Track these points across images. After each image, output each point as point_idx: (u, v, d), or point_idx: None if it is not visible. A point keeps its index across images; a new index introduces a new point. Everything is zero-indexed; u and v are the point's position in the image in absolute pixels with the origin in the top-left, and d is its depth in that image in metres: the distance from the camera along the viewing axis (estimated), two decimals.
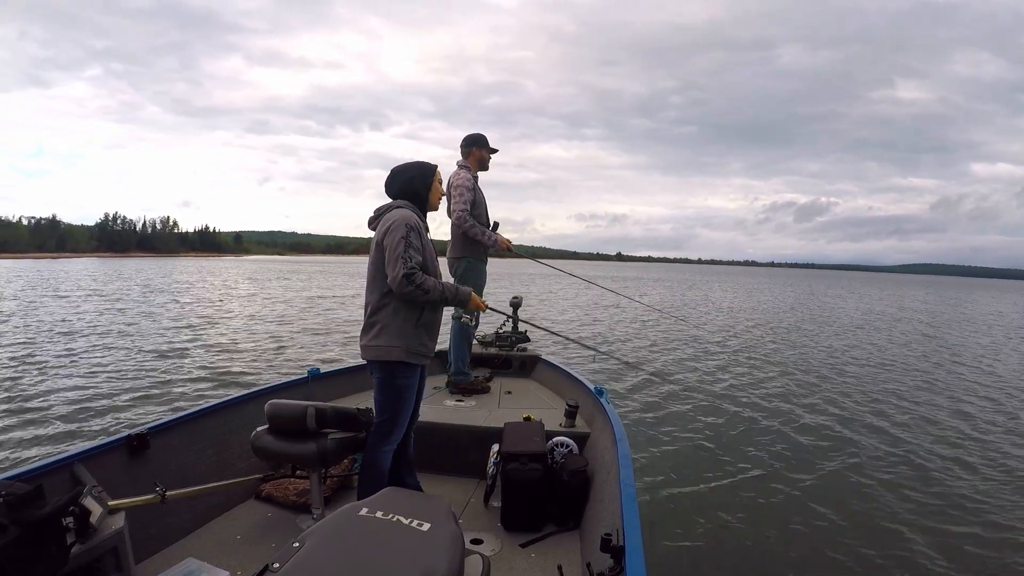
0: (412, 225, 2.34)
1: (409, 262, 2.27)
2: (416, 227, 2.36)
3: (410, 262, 2.27)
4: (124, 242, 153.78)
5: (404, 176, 2.50)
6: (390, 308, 2.38)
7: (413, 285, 2.26)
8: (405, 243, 2.28)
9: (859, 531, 3.97)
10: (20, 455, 4.77)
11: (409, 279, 2.25)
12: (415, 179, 2.49)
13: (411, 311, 2.38)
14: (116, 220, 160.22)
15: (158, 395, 6.88)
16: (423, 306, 2.40)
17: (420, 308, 2.40)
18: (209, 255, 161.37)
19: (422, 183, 2.50)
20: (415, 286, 2.26)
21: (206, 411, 2.85)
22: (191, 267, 56.39)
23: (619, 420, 2.86)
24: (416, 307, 2.39)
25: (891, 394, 8.37)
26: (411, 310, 2.38)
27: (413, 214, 2.41)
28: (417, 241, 2.32)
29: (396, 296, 2.34)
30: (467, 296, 2.49)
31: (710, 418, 6.58)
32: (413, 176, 2.49)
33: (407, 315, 2.38)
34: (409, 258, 2.27)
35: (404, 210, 2.41)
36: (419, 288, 2.27)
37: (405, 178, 2.49)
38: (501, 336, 4.88)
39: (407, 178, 2.49)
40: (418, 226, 2.38)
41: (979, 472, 5.19)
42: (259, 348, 10.55)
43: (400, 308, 2.37)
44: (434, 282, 2.34)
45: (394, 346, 2.37)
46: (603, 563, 1.67)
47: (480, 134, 4.02)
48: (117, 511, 1.97)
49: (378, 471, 2.45)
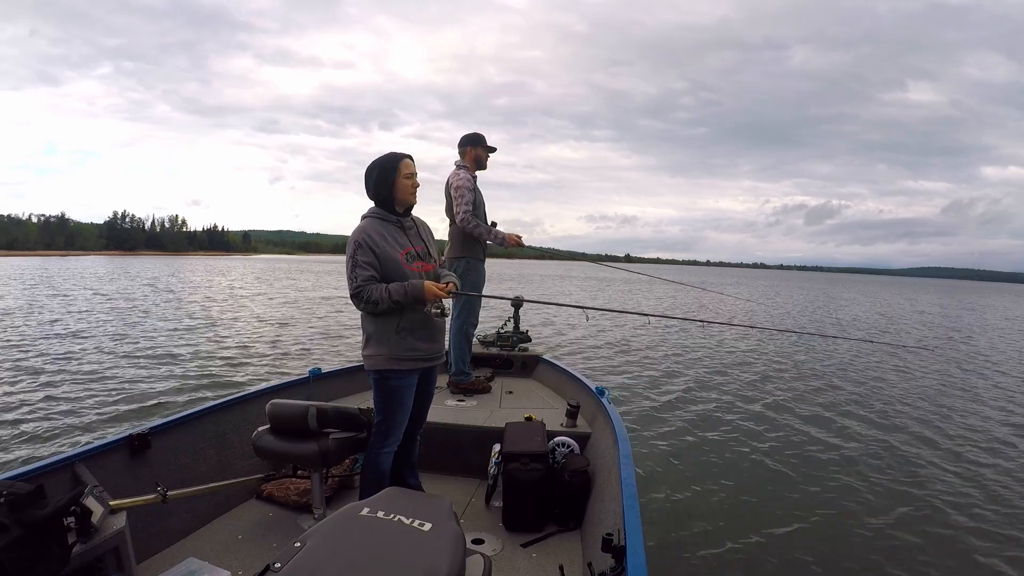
0: (360, 242, 2.32)
1: (355, 282, 2.30)
2: (365, 242, 2.32)
3: (356, 281, 2.30)
4: (132, 240, 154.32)
5: (369, 180, 2.43)
6: (367, 319, 2.43)
7: (361, 303, 2.31)
8: (352, 263, 2.32)
9: (860, 532, 3.97)
10: (21, 455, 4.78)
11: (357, 298, 2.31)
12: (378, 183, 2.41)
13: (389, 318, 2.38)
14: (124, 218, 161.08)
15: (159, 395, 6.89)
16: (401, 310, 2.36)
17: (397, 313, 2.37)
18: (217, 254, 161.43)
19: (384, 186, 2.41)
20: (363, 302, 2.31)
21: (207, 411, 2.85)
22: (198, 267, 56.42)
23: (620, 420, 2.85)
24: (393, 313, 2.37)
25: (901, 399, 8.36)
26: (389, 317, 2.38)
27: (367, 227, 2.37)
28: (366, 256, 2.31)
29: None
30: (419, 290, 2.31)
31: (712, 418, 6.57)
32: (375, 179, 2.41)
33: (386, 323, 2.38)
34: (356, 277, 2.30)
35: (361, 224, 2.40)
36: (367, 303, 2.30)
37: (370, 182, 2.43)
38: (502, 336, 4.88)
39: (371, 182, 2.42)
40: (367, 241, 2.33)
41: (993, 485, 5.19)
42: (261, 348, 10.56)
43: (376, 318, 2.39)
44: (380, 293, 2.28)
45: (378, 355, 2.40)
46: (604, 563, 1.67)
47: (478, 133, 4.04)
48: (118, 511, 1.97)
49: (379, 471, 2.45)
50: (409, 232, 2.47)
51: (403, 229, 2.45)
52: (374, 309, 2.32)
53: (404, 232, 2.45)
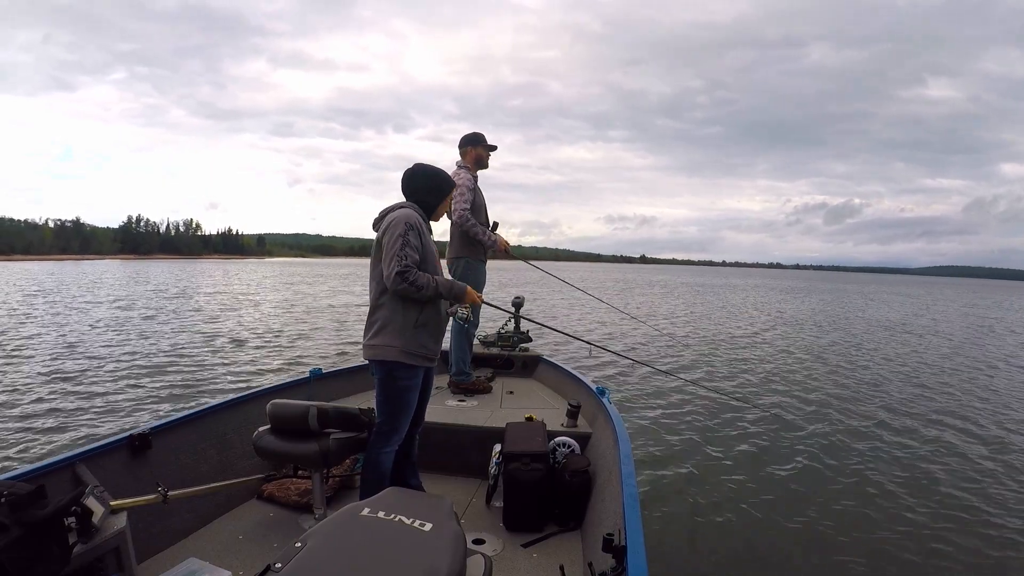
0: (412, 224, 2.34)
1: (404, 260, 2.27)
2: (416, 226, 2.36)
3: (405, 260, 2.27)
4: (147, 244, 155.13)
5: (420, 183, 2.52)
6: (387, 307, 2.39)
7: (407, 282, 2.27)
8: (403, 240, 2.29)
9: (861, 532, 3.96)
10: (22, 455, 4.78)
11: (403, 276, 2.27)
12: (431, 190, 2.52)
13: (409, 309, 2.38)
14: (139, 222, 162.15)
15: (160, 395, 6.90)
16: (422, 304, 2.39)
17: (419, 306, 2.39)
18: (231, 257, 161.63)
19: (436, 196, 2.54)
20: (408, 283, 2.27)
21: (208, 411, 2.85)
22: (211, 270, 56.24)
23: (621, 420, 2.85)
24: (414, 305, 2.38)
25: (907, 394, 8.33)
26: (409, 308, 2.37)
27: (415, 214, 2.42)
28: (416, 240, 2.33)
29: (390, 293, 2.35)
30: (463, 291, 2.46)
31: (713, 418, 6.57)
32: (430, 187, 2.52)
33: (405, 313, 2.37)
34: (405, 256, 2.28)
35: (407, 210, 2.42)
36: (412, 285, 2.28)
37: (420, 185, 2.52)
38: (503, 336, 4.89)
39: (423, 187, 2.51)
40: (419, 225, 2.38)
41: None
42: (261, 348, 10.56)
43: (397, 307, 2.37)
44: (428, 278, 2.32)
45: (391, 345, 2.37)
46: (605, 563, 1.67)
47: (478, 132, 4.07)
48: (119, 511, 1.97)
49: (379, 471, 2.44)
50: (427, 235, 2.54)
51: (431, 233, 2.54)
52: (415, 293, 2.31)
53: (430, 235, 2.54)
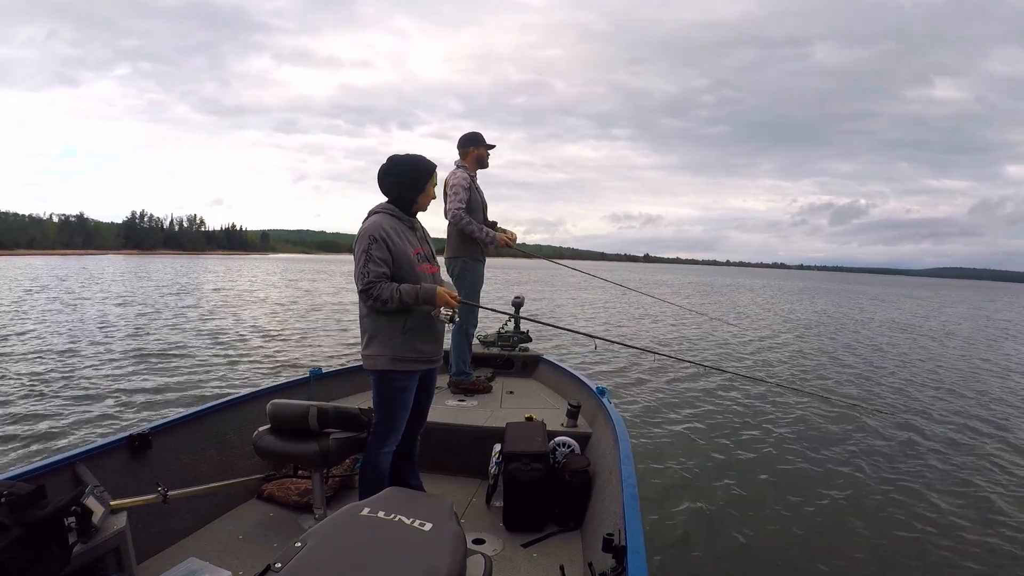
0: (375, 236, 2.28)
1: (366, 277, 2.25)
2: (381, 238, 2.29)
3: (366, 277, 2.25)
4: (151, 240, 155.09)
5: (393, 180, 2.40)
6: (371, 317, 2.38)
7: (372, 299, 2.27)
8: (365, 256, 2.26)
9: (862, 532, 3.96)
10: (22, 455, 4.78)
11: (367, 294, 2.27)
12: (406, 186, 2.40)
13: (395, 318, 2.35)
14: (143, 218, 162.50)
15: (160, 395, 6.89)
16: (407, 311, 2.35)
17: (404, 312, 2.35)
18: (235, 253, 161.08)
19: (413, 190, 2.41)
20: (373, 299, 2.27)
21: (208, 411, 2.85)
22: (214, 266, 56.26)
23: (621, 420, 2.85)
24: (399, 312, 2.34)
25: (915, 392, 8.34)
26: (394, 316, 2.35)
27: (383, 222, 2.34)
28: (380, 252, 2.27)
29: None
30: (431, 294, 2.32)
31: (713, 418, 6.56)
32: (403, 183, 2.39)
33: (391, 322, 2.35)
34: (367, 273, 2.25)
35: (374, 218, 2.36)
36: (377, 300, 2.26)
37: (394, 182, 2.40)
38: (503, 336, 4.88)
39: (398, 181, 2.40)
40: (384, 236, 2.29)
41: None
42: (262, 348, 10.56)
43: (381, 317, 2.35)
44: (391, 292, 2.25)
45: (380, 355, 2.36)
46: (605, 563, 1.67)
47: (477, 132, 4.07)
48: (119, 511, 1.98)
49: (378, 471, 2.44)
50: (417, 234, 2.48)
51: (413, 230, 2.46)
52: (382, 308, 2.30)
53: (414, 232, 2.46)
